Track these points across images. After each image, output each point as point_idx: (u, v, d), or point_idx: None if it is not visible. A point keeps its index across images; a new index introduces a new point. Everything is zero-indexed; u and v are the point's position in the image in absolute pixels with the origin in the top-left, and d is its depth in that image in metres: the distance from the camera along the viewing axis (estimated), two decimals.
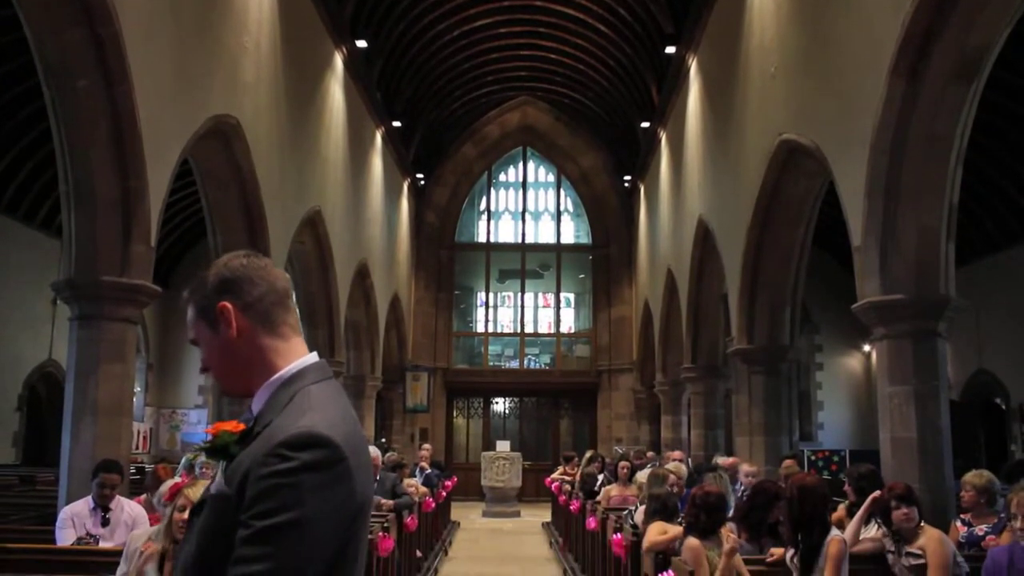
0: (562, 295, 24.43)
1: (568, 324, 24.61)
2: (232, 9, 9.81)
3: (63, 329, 10.28)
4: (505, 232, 24.64)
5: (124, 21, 7.06)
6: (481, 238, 24.50)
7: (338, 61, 14.68)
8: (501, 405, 23.94)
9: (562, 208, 24.77)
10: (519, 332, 24.09)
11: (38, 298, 14.94)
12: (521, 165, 24.79)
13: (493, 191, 24.76)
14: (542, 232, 24.74)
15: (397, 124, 19.10)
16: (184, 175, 10.73)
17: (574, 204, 24.75)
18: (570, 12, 17.93)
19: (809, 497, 4.69)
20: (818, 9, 8.69)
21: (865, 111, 7.17)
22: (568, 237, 24.82)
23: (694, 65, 14.60)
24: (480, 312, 24.39)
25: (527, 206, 24.65)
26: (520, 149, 24.58)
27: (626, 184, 23.16)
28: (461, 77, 20.97)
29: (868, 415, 19.42)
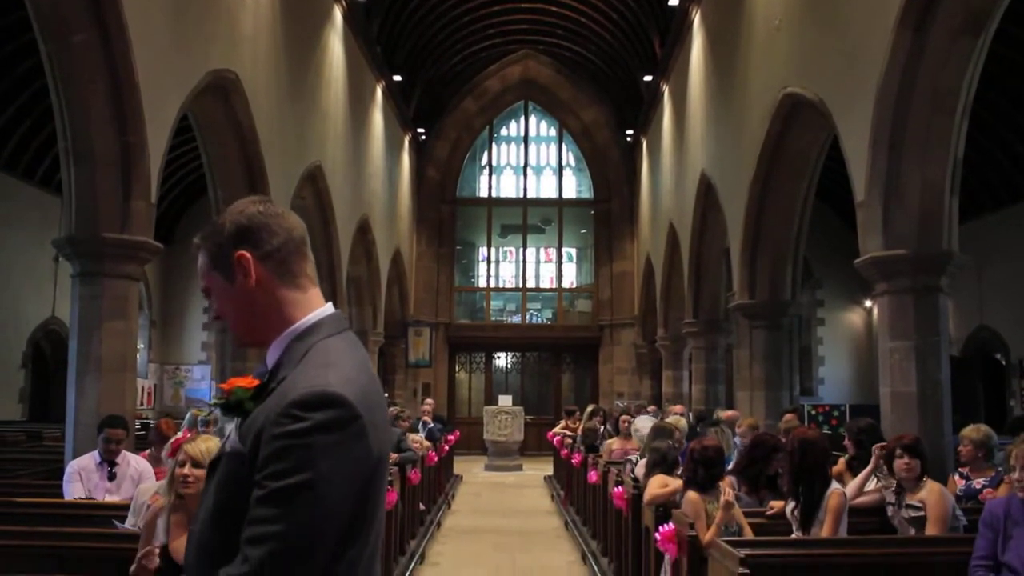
0: (564, 250, 24.41)
1: (570, 279, 24.63)
2: None
3: (65, 286, 10.29)
4: (507, 187, 24.55)
5: None
6: (483, 193, 24.42)
7: (337, 14, 14.49)
8: (503, 360, 24.05)
9: (564, 163, 24.64)
10: (521, 287, 24.13)
11: (40, 255, 14.93)
12: (522, 119, 24.60)
13: (494, 146, 24.62)
14: (544, 187, 24.65)
15: (397, 78, 18.92)
16: (184, 131, 10.66)
17: (576, 158, 24.62)
18: None
19: (810, 451, 4.73)
20: None
21: (871, 64, 7.08)
22: (570, 192, 24.72)
23: (697, 17, 14.41)
24: (482, 267, 24.40)
25: (528, 161, 24.52)
26: (521, 103, 24.37)
27: (628, 138, 23.01)
28: (462, 30, 20.73)
29: (869, 370, 19.49)
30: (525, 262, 24.17)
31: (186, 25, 8.51)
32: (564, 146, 24.59)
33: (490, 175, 24.45)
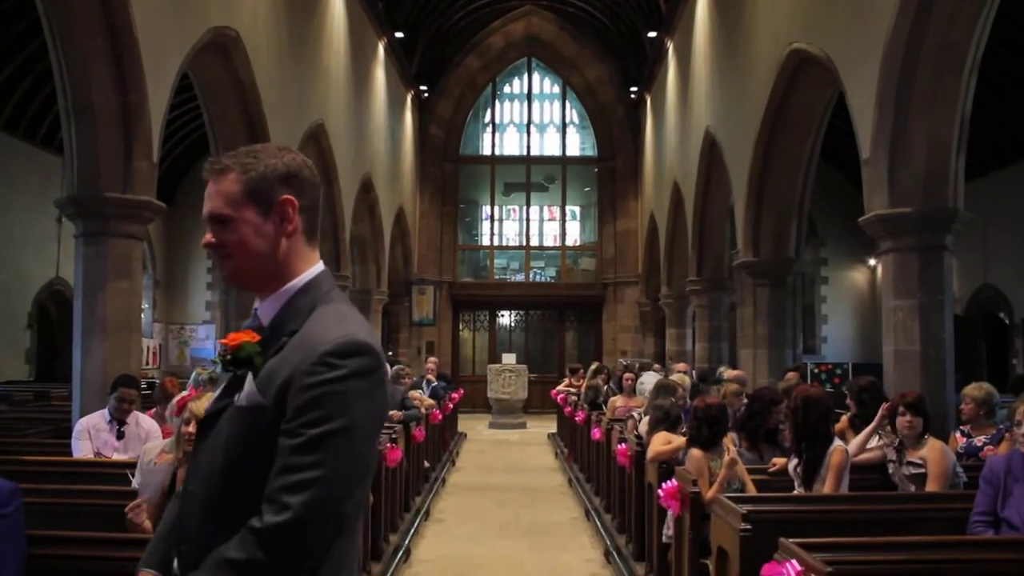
0: (567, 208, 24.34)
1: (573, 237, 24.60)
2: None
3: (69, 247, 10.29)
4: (510, 145, 24.42)
5: None
6: (486, 151, 24.29)
7: None
8: (507, 318, 24.11)
9: (567, 120, 24.48)
10: (524, 245, 24.10)
11: (43, 216, 14.91)
12: (526, 76, 24.40)
13: (498, 103, 24.44)
14: (547, 144, 24.51)
15: (399, 35, 18.71)
16: (185, 89, 10.59)
17: (579, 116, 24.44)
18: None
19: (813, 408, 4.75)
20: None
21: (878, 19, 6.99)
22: (573, 149, 24.58)
23: None
24: (485, 225, 24.37)
25: (532, 118, 24.36)
26: (525, 60, 24.16)
27: (632, 95, 22.81)
28: None
29: (872, 329, 19.52)
30: (529, 220, 24.11)
31: None
32: (568, 103, 24.41)
33: (493, 133, 24.30)
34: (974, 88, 6.84)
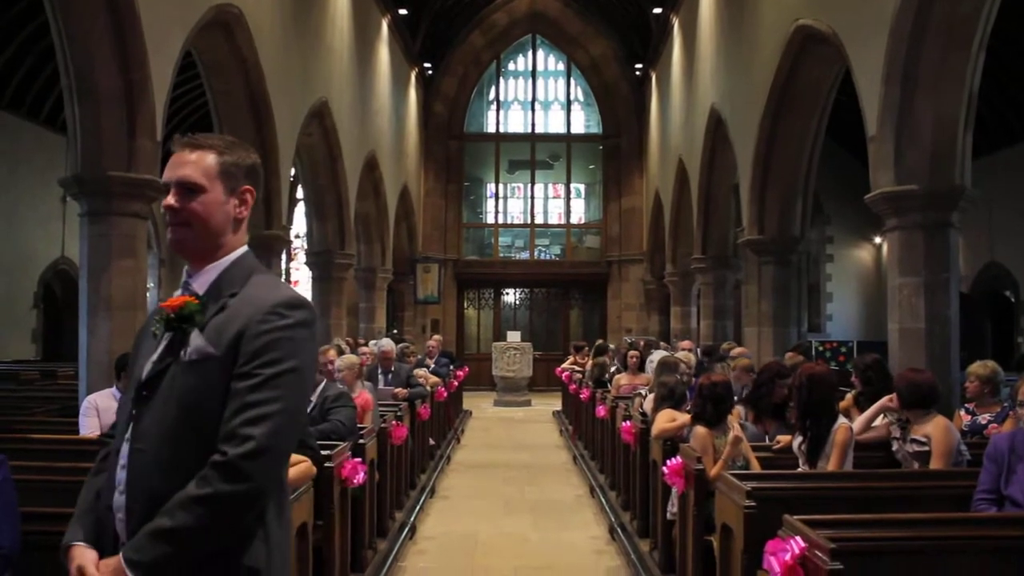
0: (572, 186, 24.29)
1: (578, 215, 24.55)
2: None
3: (74, 226, 10.29)
4: (515, 122, 24.33)
5: None
6: (490, 128, 24.21)
7: None
8: (512, 296, 24.12)
9: (572, 97, 24.36)
10: (529, 223, 24.08)
11: (47, 195, 14.92)
12: (530, 54, 24.27)
13: (502, 80, 24.33)
14: (552, 122, 24.41)
15: (403, 12, 18.60)
16: (188, 67, 10.54)
17: (584, 93, 24.32)
18: None
19: (818, 386, 4.75)
20: None
21: None
22: (578, 127, 24.48)
23: None
24: (490, 203, 24.34)
25: (536, 95, 24.25)
26: (529, 37, 24.02)
27: (637, 73, 22.68)
28: None
29: (877, 307, 19.48)
30: (533, 198, 24.08)
31: None
32: (572, 80, 24.28)
33: (498, 110, 24.21)
34: (983, 64, 6.78)
